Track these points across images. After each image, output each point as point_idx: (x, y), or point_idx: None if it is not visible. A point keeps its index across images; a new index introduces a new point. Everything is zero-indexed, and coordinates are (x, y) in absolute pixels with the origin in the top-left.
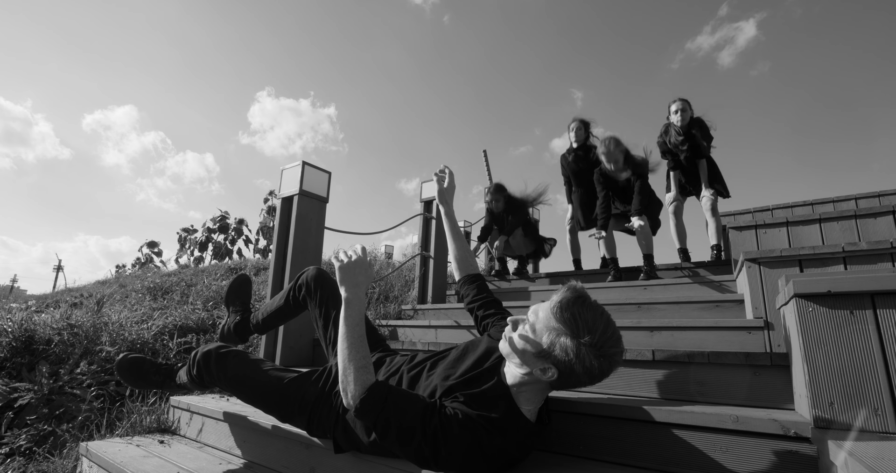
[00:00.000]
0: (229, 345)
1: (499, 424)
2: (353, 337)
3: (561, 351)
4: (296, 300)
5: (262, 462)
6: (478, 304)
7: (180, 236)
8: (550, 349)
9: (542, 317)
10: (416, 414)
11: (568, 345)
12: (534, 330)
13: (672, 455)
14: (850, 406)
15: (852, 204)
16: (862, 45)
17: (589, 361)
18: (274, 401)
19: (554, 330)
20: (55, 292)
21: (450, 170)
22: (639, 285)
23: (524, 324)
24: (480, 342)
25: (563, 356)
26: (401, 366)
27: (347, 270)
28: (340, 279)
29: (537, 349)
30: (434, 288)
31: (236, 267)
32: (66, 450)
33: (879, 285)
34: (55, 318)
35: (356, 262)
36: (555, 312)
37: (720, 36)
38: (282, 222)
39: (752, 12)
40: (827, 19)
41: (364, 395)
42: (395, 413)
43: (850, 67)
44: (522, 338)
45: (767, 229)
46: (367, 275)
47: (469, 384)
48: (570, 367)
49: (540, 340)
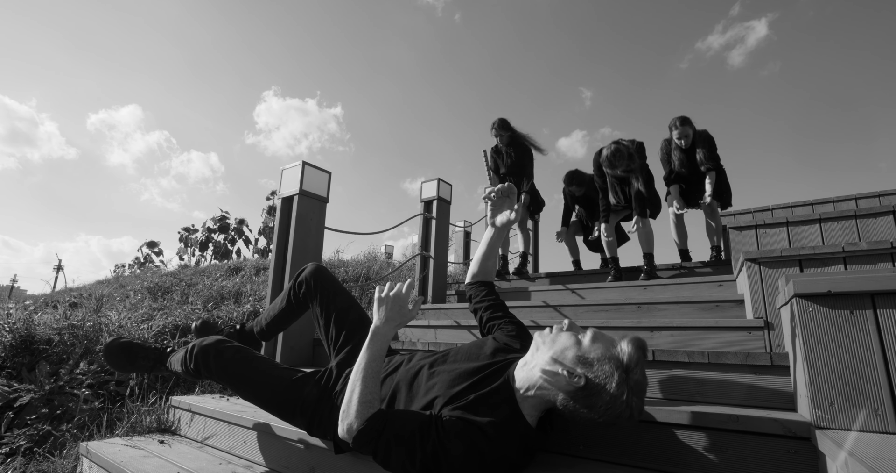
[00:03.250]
0: (230, 340)
1: (500, 429)
2: (368, 372)
3: (602, 372)
4: (297, 299)
5: (263, 462)
6: (485, 305)
7: (181, 236)
8: (594, 363)
9: (605, 340)
10: (413, 432)
11: (614, 372)
12: (590, 340)
13: (672, 455)
14: (850, 406)
15: (852, 204)
16: (862, 44)
17: (626, 395)
18: (276, 402)
19: (608, 355)
20: (55, 292)
21: (503, 189)
22: (639, 285)
23: (579, 332)
24: (485, 344)
25: (602, 376)
26: (399, 366)
27: (382, 302)
28: (375, 309)
29: (581, 354)
30: (434, 288)
31: (236, 267)
32: (66, 450)
33: (879, 285)
34: (55, 318)
35: (393, 296)
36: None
37: (731, 35)
38: (282, 222)
39: (765, 12)
40: (835, 20)
41: (363, 426)
42: (393, 439)
43: (851, 67)
44: (571, 341)
45: (767, 229)
46: (402, 313)
47: (474, 386)
48: (599, 388)
49: (588, 352)
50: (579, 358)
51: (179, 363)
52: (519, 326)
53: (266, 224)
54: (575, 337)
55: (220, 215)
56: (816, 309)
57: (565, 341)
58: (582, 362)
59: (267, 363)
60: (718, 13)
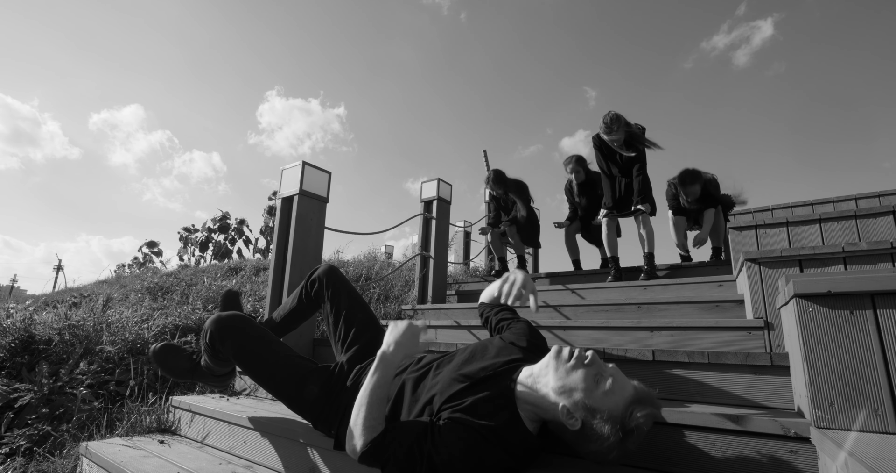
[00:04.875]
0: (252, 319)
1: (499, 433)
2: (373, 398)
3: (600, 429)
4: (309, 298)
5: (262, 461)
6: (496, 310)
7: (181, 236)
8: (594, 417)
9: (611, 404)
10: (411, 446)
11: (612, 436)
12: (604, 390)
13: (672, 456)
14: (850, 406)
15: (852, 204)
16: (863, 45)
17: (612, 450)
18: (287, 392)
19: (613, 419)
20: (55, 292)
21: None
22: (639, 285)
23: (601, 373)
24: (491, 343)
25: (599, 431)
26: (408, 366)
27: (396, 328)
28: (387, 334)
29: (587, 404)
30: (434, 288)
31: (236, 267)
32: (66, 450)
33: (879, 285)
34: (55, 318)
35: (408, 325)
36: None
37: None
38: (282, 222)
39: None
40: (838, 21)
41: (366, 449)
42: (396, 450)
43: (852, 67)
44: (587, 383)
45: (767, 229)
46: (412, 342)
47: (475, 388)
48: (588, 439)
49: (594, 404)
50: (586, 406)
51: (205, 351)
52: (527, 323)
53: (266, 224)
54: (591, 380)
55: (220, 214)
56: (816, 309)
57: (579, 380)
58: (587, 409)
59: (284, 346)
60: (725, 13)
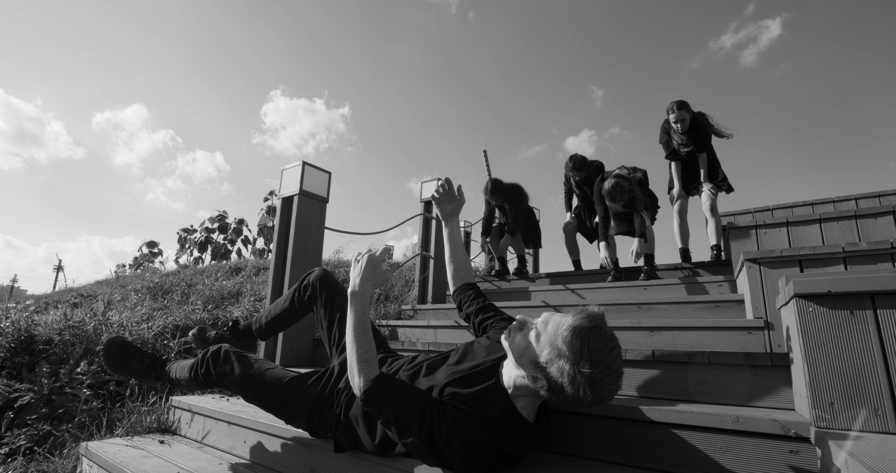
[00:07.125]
0: (231, 346)
1: (496, 422)
2: (357, 331)
3: (556, 372)
4: (301, 302)
5: (262, 461)
6: (474, 308)
7: (180, 236)
8: (546, 366)
9: (549, 331)
10: (416, 406)
11: (565, 369)
12: (538, 340)
13: (672, 455)
14: (850, 406)
15: (852, 204)
16: (864, 45)
17: (582, 390)
18: (276, 401)
19: (556, 350)
20: (55, 293)
21: (449, 183)
22: (639, 286)
23: (531, 328)
24: (479, 343)
25: (557, 377)
26: (399, 368)
27: (357, 265)
28: (351, 271)
29: (534, 359)
30: (434, 288)
31: (237, 267)
32: (66, 450)
33: (879, 285)
34: (55, 318)
35: (368, 257)
36: (564, 334)
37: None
38: (282, 222)
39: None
40: (845, 22)
41: (368, 386)
42: (398, 404)
43: (854, 67)
44: (524, 342)
45: (767, 229)
46: (375, 273)
47: (467, 382)
48: (560, 388)
49: (540, 352)
50: (534, 363)
51: (188, 370)
52: (510, 321)
53: (264, 224)
54: (525, 338)
55: (218, 214)
56: (816, 309)
57: (520, 343)
58: (536, 366)
59: (267, 363)
60: (733, 12)
